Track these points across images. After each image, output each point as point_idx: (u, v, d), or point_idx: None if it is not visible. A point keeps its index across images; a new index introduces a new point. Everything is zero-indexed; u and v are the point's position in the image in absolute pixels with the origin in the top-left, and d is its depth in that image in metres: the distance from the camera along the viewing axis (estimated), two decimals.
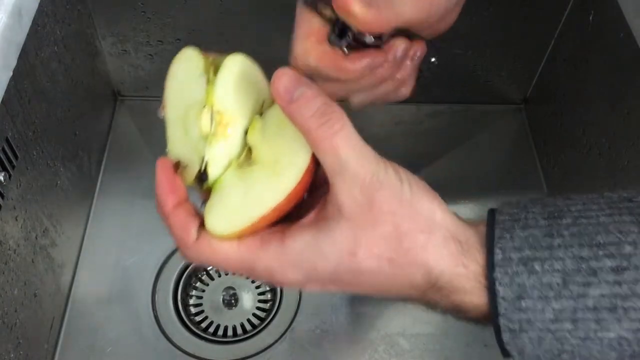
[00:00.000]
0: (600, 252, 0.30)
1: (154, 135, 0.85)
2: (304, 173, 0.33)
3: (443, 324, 0.71)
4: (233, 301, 0.73)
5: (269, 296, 0.73)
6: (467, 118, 0.89)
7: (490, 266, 0.31)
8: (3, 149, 0.54)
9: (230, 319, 0.72)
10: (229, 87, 0.35)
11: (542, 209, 0.33)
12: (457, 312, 0.33)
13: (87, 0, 0.75)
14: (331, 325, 0.70)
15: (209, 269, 0.75)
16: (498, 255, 0.31)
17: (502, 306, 0.31)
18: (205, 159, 0.34)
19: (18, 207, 0.58)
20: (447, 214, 0.34)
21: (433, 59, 0.47)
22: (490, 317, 0.31)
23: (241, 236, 0.33)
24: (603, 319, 0.29)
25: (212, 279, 0.74)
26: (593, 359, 0.30)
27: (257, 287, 0.74)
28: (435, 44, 0.46)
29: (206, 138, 0.34)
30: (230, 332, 0.71)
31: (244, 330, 0.71)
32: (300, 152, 0.33)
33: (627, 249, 0.29)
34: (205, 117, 0.35)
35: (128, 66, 0.84)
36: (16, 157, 0.57)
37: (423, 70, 0.48)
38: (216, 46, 0.80)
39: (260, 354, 0.68)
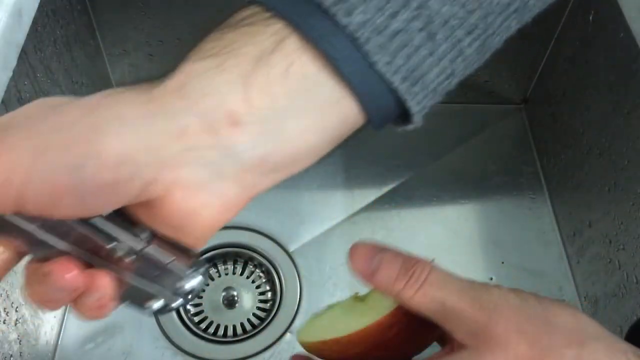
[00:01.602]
0: None
1: None
2: (388, 314, 0.31)
3: None
4: (233, 301, 0.73)
5: (269, 296, 0.73)
6: (467, 118, 0.88)
7: None
8: None
9: (230, 319, 0.72)
10: None
11: None
12: None
13: (87, 0, 0.75)
14: None
15: (208, 268, 0.75)
16: None
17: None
18: None
19: None
20: (602, 327, 0.28)
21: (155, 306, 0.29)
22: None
23: (310, 350, 0.34)
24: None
25: (212, 279, 0.74)
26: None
27: (257, 287, 0.74)
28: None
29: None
30: (230, 332, 0.71)
31: (244, 330, 0.71)
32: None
33: None
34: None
35: (128, 66, 0.84)
36: None
37: None
38: None
39: (260, 354, 0.68)
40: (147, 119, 0.26)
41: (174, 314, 0.71)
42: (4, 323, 0.56)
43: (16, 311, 0.58)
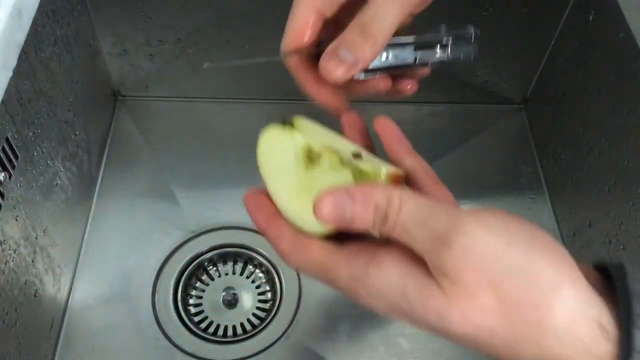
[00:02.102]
0: None
1: (154, 135, 0.86)
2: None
3: None
4: (233, 301, 0.73)
5: (269, 296, 0.73)
6: (467, 118, 0.89)
7: (625, 352, 0.26)
8: (3, 149, 0.54)
9: (230, 319, 0.72)
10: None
11: None
12: None
13: (87, 0, 0.75)
14: (331, 325, 0.70)
15: (208, 268, 0.75)
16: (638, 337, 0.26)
17: None
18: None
19: (18, 207, 0.58)
20: (577, 284, 0.27)
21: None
22: None
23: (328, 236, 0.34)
24: None
25: (212, 279, 0.74)
26: None
27: (257, 287, 0.74)
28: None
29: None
30: (230, 332, 0.71)
31: (244, 330, 0.71)
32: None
33: None
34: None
35: (128, 66, 0.84)
36: (16, 157, 0.57)
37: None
38: (216, 46, 0.80)
39: (260, 354, 0.68)
40: None
41: (173, 313, 0.71)
42: (4, 323, 0.56)
43: (16, 311, 0.58)
